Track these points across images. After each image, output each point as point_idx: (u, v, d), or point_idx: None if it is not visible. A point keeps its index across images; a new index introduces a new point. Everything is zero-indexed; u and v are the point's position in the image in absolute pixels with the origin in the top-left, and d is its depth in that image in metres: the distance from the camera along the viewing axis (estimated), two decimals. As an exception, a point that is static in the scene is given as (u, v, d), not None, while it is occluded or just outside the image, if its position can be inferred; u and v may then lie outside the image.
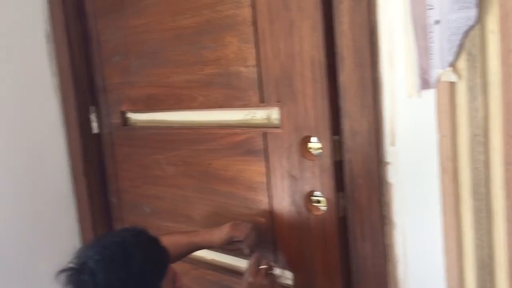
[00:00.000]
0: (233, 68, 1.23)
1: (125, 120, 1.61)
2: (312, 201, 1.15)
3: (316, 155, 1.12)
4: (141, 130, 1.57)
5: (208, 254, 1.44)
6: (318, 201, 1.14)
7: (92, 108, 1.67)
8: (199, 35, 1.29)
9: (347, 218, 1.08)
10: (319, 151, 1.11)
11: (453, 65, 0.85)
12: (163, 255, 0.95)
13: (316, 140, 1.11)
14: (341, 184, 1.08)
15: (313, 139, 1.12)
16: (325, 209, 1.12)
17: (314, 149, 1.12)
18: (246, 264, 1.11)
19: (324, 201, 1.12)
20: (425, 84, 0.90)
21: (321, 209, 1.13)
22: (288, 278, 1.22)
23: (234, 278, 1.34)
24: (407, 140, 0.96)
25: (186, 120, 1.44)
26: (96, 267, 0.86)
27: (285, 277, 1.21)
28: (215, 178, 1.34)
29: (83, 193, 1.69)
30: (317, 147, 1.11)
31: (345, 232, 1.09)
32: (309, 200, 1.15)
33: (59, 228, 1.69)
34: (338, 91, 1.04)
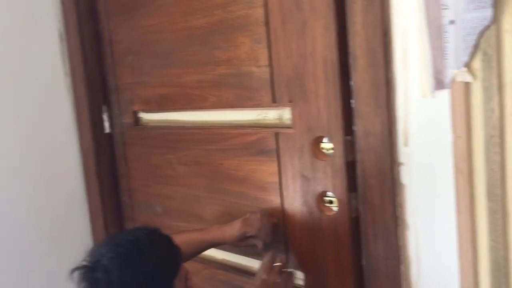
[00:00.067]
0: (245, 68, 1.23)
1: (137, 120, 1.62)
2: (324, 202, 1.15)
3: (328, 155, 1.11)
4: (153, 130, 1.57)
5: (219, 253, 1.44)
6: (330, 202, 1.14)
7: (104, 107, 1.68)
8: (211, 36, 1.30)
9: (360, 218, 1.07)
10: (331, 151, 1.10)
11: (468, 65, 0.85)
12: (176, 254, 0.95)
13: (328, 140, 1.11)
14: (354, 184, 1.08)
15: (325, 139, 1.12)
16: (337, 210, 1.12)
17: (326, 149, 1.12)
18: (259, 263, 1.11)
19: (336, 202, 1.12)
20: (439, 84, 0.90)
21: (333, 210, 1.13)
22: (299, 278, 1.22)
23: (245, 278, 1.34)
24: (420, 140, 0.96)
25: (197, 120, 1.44)
26: (110, 264, 0.86)
27: (297, 277, 1.21)
28: (226, 178, 1.35)
29: (95, 192, 1.70)
30: (329, 147, 1.11)
31: (357, 232, 1.09)
32: (321, 200, 1.15)
33: (71, 226, 1.71)
34: (351, 91, 1.04)
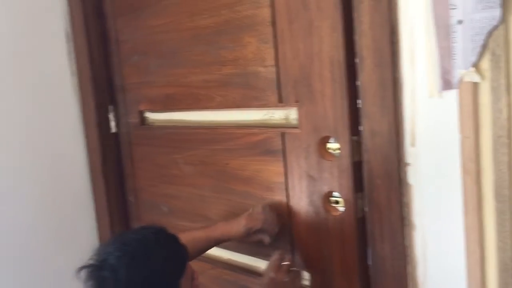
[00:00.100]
0: (252, 68, 1.23)
1: (143, 119, 1.62)
2: (330, 202, 1.15)
3: (334, 155, 1.11)
4: (159, 129, 1.58)
5: (224, 253, 1.44)
6: (336, 202, 1.14)
7: (110, 107, 1.69)
8: (217, 35, 1.30)
9: (366, 219, 1.07)
10: (337, 151, 1.10)
11: (476, 65, 0.84)
12: (183, 253, 0.95)
13: (334, 140, 1.10)
14: (360, 184, 1.07)
15: (331, 140, 1.11)
16: (344, 210, 1.11)
17: (332, 150, 1.12)
18: (265, 262, 1.11)
19: (342, 202, 1.12)
20: (447, 84, 0.89)
21: (339, 210, 1.13)
22: (305, 278, 1.22)
23: (251, 278, 1.34)
24: (427, 141, 0.96)
25: (203, 120, 1.44)
26: (117, 263, 0.86)
27: (302, 277, 1.21)
28: (232, 178, 1.35)
29: (101, 192, 1.70)
30: (336, 147, 1.11)
31: (363, 233, 1.08)
32: (327, 200, 1.15)
33: (77, 226, 1.71)
34: (357, 91, 1.04)
